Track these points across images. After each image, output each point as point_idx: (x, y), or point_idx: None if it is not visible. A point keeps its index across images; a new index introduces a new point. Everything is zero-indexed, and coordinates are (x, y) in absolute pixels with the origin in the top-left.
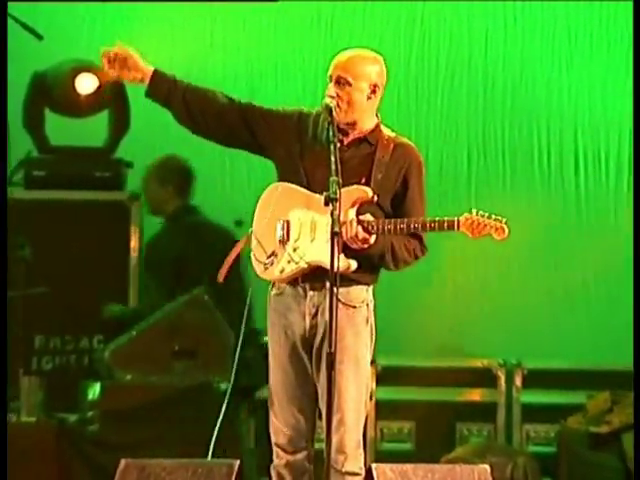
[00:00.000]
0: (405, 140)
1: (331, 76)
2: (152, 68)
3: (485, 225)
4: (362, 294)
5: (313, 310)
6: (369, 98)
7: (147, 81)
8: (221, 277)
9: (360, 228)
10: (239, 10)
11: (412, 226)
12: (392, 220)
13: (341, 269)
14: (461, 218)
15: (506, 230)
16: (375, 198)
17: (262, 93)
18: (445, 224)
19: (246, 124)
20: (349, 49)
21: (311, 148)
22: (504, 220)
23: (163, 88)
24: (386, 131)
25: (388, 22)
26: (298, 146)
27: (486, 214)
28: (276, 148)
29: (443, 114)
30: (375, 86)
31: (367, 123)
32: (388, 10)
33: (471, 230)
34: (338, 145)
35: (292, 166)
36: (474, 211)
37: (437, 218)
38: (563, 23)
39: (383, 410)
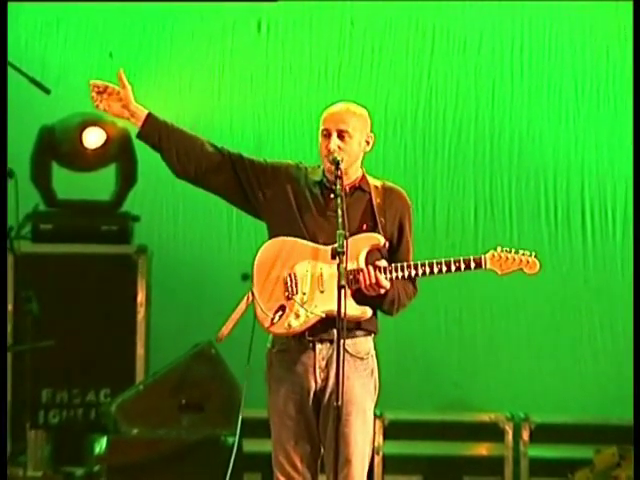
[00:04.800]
0: (393, 184)
1: (328, 129)
2: (145, 111)
3: (514, 260)
4: (367, 345)
5: (323, 363)
6: (363, 150)
7: (139, 124)
8: (222, 336)
9: (381, 274)
10: (247, 66)
11: (435, 268)
12: (412, 263)
13: (356, 316)
14: (487, 255)
15: (537, 264)
16: (387, 245)
17: (269, 149)
18: (472, 262)
19: (235, 176)
20: (337, 103)
21: (306, 200)
22: (534, 253)
23: (155, 133)
24: (371, 178)
25: (395, 76)
26: (292, 198)
27: (512, 249)
28: (268, 200)
29: (450, 168)
30: (369, 137)
31: (356, 172)
32: (395, 64)
33: (499, 266)
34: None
35: (288, 218)
36: (499, 248)
37: (462, 257)
38: (569, 78)
39: (390, 464)
